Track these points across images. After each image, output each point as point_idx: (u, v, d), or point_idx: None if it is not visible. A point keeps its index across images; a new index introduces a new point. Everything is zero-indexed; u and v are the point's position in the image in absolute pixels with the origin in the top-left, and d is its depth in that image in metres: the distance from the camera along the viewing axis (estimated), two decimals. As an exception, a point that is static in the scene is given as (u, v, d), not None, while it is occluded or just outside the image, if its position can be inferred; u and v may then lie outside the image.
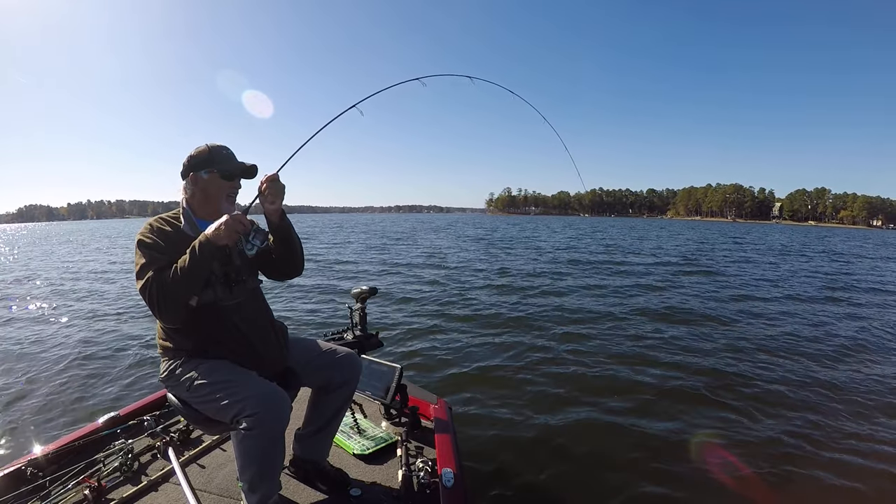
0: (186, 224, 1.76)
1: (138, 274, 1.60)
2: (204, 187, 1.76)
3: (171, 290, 1.55)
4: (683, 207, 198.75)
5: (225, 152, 1.79)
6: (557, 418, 3.82)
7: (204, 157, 1.75)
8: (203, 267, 1.60)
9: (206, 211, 1.78)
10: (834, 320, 7.67)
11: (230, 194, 1.80)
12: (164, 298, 1.54)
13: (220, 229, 1.58)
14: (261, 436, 1.57)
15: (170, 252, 1.63)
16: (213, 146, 1.78)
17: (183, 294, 1.58)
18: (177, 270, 1.57)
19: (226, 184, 1.78)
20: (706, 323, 7.22)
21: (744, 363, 5.23)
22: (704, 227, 68.50)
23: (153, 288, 1.55)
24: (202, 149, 1.76)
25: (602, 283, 11.21)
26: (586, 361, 5.21)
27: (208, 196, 1.77)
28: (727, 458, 3.24)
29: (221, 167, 1.76)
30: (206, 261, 1.59)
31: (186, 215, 1.77)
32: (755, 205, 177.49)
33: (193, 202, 1.78)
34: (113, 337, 6.36)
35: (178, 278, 1.56)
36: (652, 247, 24.31)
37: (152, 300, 1.55)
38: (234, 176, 1.79)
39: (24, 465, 2.02)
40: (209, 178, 1.75)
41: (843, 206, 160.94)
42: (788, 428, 3.71)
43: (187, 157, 1.76)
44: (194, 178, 1.75)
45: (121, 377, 4.78)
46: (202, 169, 1.75)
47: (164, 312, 1.58)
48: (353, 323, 2.59)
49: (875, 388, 4.54)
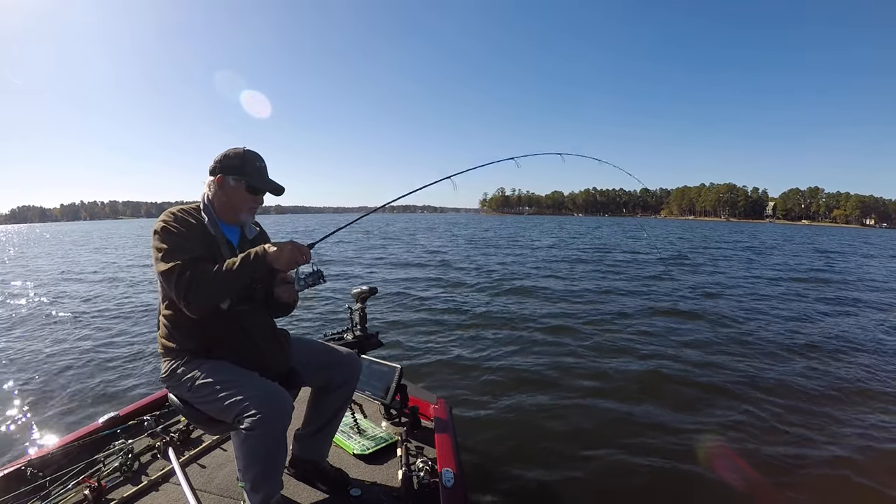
0: (209, 222, 1.73)
1: (163, 258, 1.56)
2: (228, 193, 1.73)
3: (209, 283, 1.53)
4: (677, 207, 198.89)
5: (258, 164, 1.76)
6: (558, 418, 3.80)
7: (237, 162, 1.72)
8: (249, 277, 1.59)
9: (227, 215, 1.77)
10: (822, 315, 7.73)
11: (252, 207, 1.78)
12: (198, 289, 1.51)
13: (283, 253, 1.57)
14: (263, 435, 1.55)
15: (196, 242, 1.62)
16: (248, 153, 1.75)
17: (219, 293, 1.57)
18: (222, 269, 1.55)
19: (250, 197, 1.75)
20: (718, 324, 7.08)
21: (751, 362, 5.23)
22: (697, 227, 68.65)
23: (187, 275, 1.51)
24: (238, 152, 1.73)
25: (602, 283, 11.22)
26: (587, 361, 5.20)
27: (231, 203, 1.75)
28: (731, 458, 3.22)
29: (250, 180, 1.73)
30: (254, 272, 1.59)
31: (209, 213, 1.74)
32: (749, 204, 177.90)
33: (216, 203, 1.76)
34: (113, 337, 6.33)
35: (222, 277, 1.54)
36: (648, 245, 24.38)
37: (181, 286, 1.51)
38: (261, 192, 1.78)
39: (24, 465, 2.01)
40: (236, 186, 1.72)
41: (836, 206, 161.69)
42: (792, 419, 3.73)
43: (221, 156, 1.73)
44: (221, 181, 1.72)
45: (121, 377, 4.76)
46: (231, 174, 1.72)
47: (194, 303, 1.53)
48: (353, 323, 2.57)
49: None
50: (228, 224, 1.78)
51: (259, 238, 1.89)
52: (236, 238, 1.80)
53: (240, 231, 1.82)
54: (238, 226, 1.81)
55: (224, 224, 1.76)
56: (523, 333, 6.37)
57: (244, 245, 1.79)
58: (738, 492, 2.90)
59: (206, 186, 1.75)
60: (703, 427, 3.68)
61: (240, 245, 1.79)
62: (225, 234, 1.75)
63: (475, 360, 5.20)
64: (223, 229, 1.75)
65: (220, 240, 1.72)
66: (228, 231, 1.78)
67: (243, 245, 1.79)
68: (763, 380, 4.68)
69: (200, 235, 1.66)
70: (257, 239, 1.87)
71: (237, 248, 1.77)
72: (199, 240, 1.64)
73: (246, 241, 1.82)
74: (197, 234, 1.66)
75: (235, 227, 1.81)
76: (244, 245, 1.79)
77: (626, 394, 4.29)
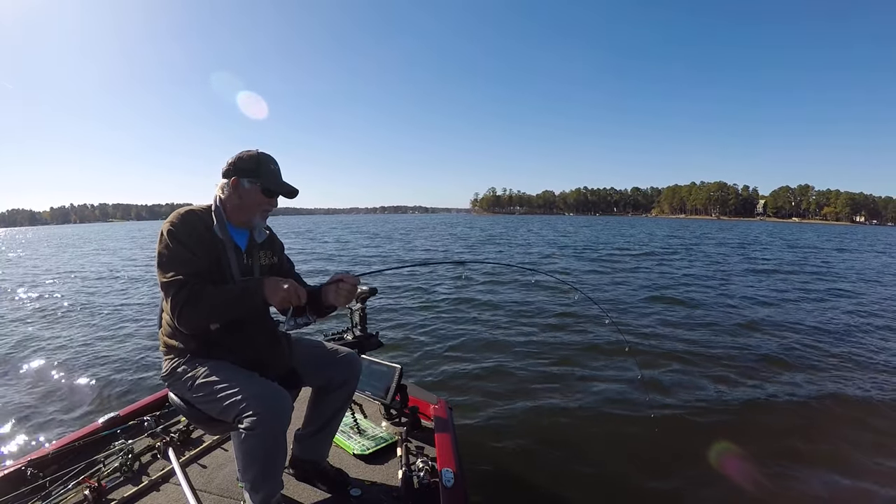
0: (218, 224, 1.70)
1: (165, 265, 1.56)
2: (243, 195, 1.70)
3: (202, 309, 1.53)
4: (668, 205, 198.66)
5: (273, 167, 1.74)
6: (558, 418, 3.78)
7: (251, 164, 1.70)
8: (243, 310, 1.59)
9: (239, 218, 1.75)
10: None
11: (266, 209, 1.76)
12: (191, 310, 1.52)
13: (278, 292, 1.56)
14: (263, 435, 1.54)
15: (200, 252, 1.61)
16: (263, 156, 1.73)
17: (210, 318, 1.57)
18: (216, 296, 1.55)
19: (265, 200, 1.73)
20: (731, 327, 6.88)
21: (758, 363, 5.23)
22: (687, 225, 68.98)
23: (183, 293, 1.52)
24: (252, 154, 1.71)
25: (601, 282, 11.22)
26: (587, 361, 5.15)
27: (245, 205, 1.72)
28: (732, 459, 3.18)
29: (266, 182, 1.71)
30: (249, 307, 1.58)
31: (219, 215, 1.71)
32: (739, 202, 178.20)
33: (228, 205, 1.73)
34: (113, 337, 6.29)
35: (216, 305, 1.55)
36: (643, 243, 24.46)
37: (176, 304, 1.52)
38: (276, 194, 1.76)
39: (24, 466, 1.99)
40: (251, 188, 1.70)
41: (826, 203, 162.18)
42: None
43: (235, 158, 1.70)
44: (236, 184, 1.70)
45: (121, 377, 4.71)
46: (246, 177, 1.69)
47: (184, 322, 1.55)
48: (353, 323, 2.55)
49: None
50: (238, 227, 1.76)
51: (269, 242, 1.87)
52: (244, 242, 1.77)
53: (249, 234, 1.80)
54: (248, 229, 1.79)
55: (233, 227, 1.74)
56: (525, 334, 6.31)
57: (252, 249, 1.78)
58: (738, 492, 2.87)
59: (219, 189, 1.73)
60: (705, 426, 3.66)
61: (247, 249, 1.77)
62: (233, 237, 1.73)
63: (476, 359, 5.16)
64: (231, 232, 1.73)
65: (228, 243, 1.70)
66: (237, 234, 1.75)
67: (251, 249, 1.78)
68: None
69: (206, 240, 1.64)
70: (267, 243, 1.86)
71: (244, 252, 1.75)
72: (204, 246, 1.63)
73: (255, 245, 1.80)
74: (203, 240, 1.64)
75: (245, 230, 1.79)
76: (252, 249, 1.78)
77: (626, 393, 4.26)
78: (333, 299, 1.71)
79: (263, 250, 1.83)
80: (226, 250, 1.69)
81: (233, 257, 1.69)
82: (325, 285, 1.73)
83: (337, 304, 1.74)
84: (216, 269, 1.63)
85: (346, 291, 1.70)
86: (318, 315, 1.79)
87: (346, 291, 1.70)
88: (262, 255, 1.83)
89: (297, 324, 1.68)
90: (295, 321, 1.67)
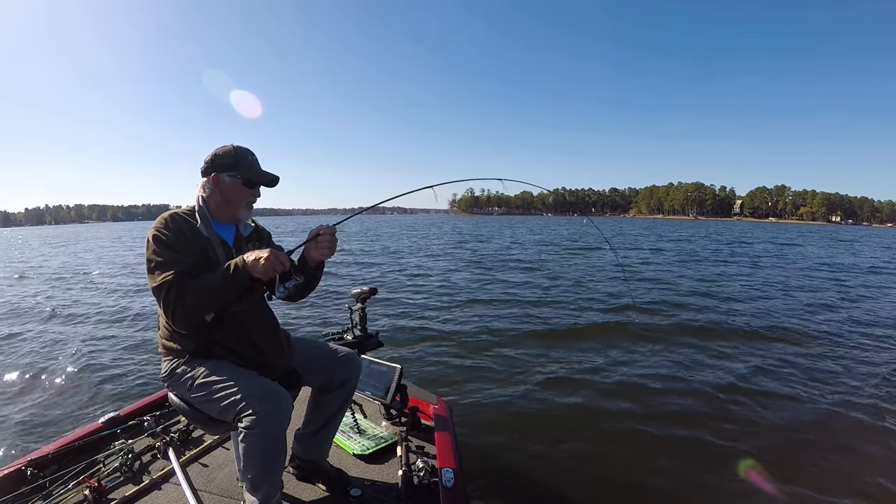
0: (202, 223, 1.66)
1: (154, 270, 1.51)
2: (225, 191, 1.67)
3: (192, 302, 1.48)
4: (646, 206, 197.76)
5: (250, 158, 1.70)
6: (558, 418, 3.75)
7: (229, 159, 1.66)
8: (232, 292, 1.53)
9: (224, 214, 1.71)
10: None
11: (249, 201, 1.72)
12: (182, 308, 1.47)
13: (260, 262, 1.50)
14: (262, 435, 1.50)
15: (186, 252, 1.56)
16: (239, 149, 1.69)
17: (202, 310, 1.52)
18: (203, 286, 1.49)
19: (247, 191, 1.69)
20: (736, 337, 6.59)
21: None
22: (661, 225, 69.21)
23: (172, 293, 1.47)
24: (228, 149, 1.67)
25: (601, 281, 11.18)
26: (588, 361, 5.10)
27: (228, 200, 1.68)
28: (733, 458, 3.15)
29: (246, 174, 1.67)
30: (237, 287, 1.52)
31: (203, 214, 1.67)
32: (716, 203, 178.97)
33: (211, 202, 1.69)
34: (113, 337, 6.18)
35: (204, 295, 1.49)
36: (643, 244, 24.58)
37: (168, 305, 1.48)
38: (258, 185, 1.71)
39: (25, 466, 1.95)
40: (232, 182, 1.66)
41: (802, 203, 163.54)
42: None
43: (211, 155, 1.66)
44: (216, 180, 1.66)
45: (121, 377, 4.63)
46: (226, 171, 1.65)
47: (179, 322, 1.50)
48: (353, 323, 2.51)
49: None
50: (224, 223, 1.72)
51: (255, 235, 1.83)
52: (231, 237, 1.74)
53: (235, 229, 1.76)
54: (234, 224, 1.75)
55: (219, 224, 1.70)
56: (525, 334, 6.24)
57: (239, 243, 1.74)
58: (741, 492, 2.83)
59: (200, 188, 1.69)
60: (705, 426, 3.61)
61: (235, 244, 1.73)
62: (219, 233, 1.69)
63: (475, 359, 5.11)
64: (217, 229, 1.69)
65: (215, 240, 1.66)
66: (223, 230, 1.71)
67: (238, 243, 1.74)
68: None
69: (192, 240, 1.60)
70: (253, 235, 1.82)
71: (232, 247, 1.71)
72: (190, 246, 1.58)
73: (241, 239, 1.76)
74: (188, 240, 1.59)
75: (231, 225, 1.75)
76: (239, 243, 1.74)
77: (628, 393, 4.20)
78: (317, 254, 1.66)
79: (251, 243, 1.79)
80: (213, 248, 1.65)
81: (221, 254, 1.65)
82: (306, 243, 1.67)
83: (322, 258, 1.68)
84: (205, 268, 1.59)
85: (326, 241, 1.64)
86: (309, 278, 1.73)
87: (327, 241, 1.64)
88: (250, 248, 1.77)
89: (287, 288, 1.62)
90: (285, 287, 1.61)
